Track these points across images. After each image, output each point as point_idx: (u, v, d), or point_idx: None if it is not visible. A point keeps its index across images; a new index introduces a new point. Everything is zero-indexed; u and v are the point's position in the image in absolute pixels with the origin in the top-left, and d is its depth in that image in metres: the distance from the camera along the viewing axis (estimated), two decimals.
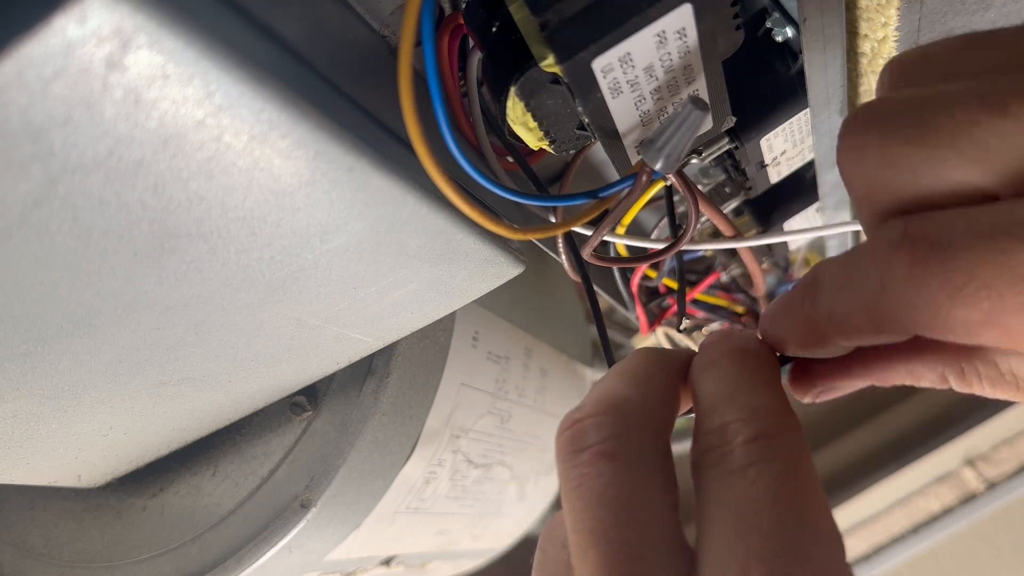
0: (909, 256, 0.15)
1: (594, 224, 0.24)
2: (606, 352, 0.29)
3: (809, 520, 0.16)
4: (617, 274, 0.37)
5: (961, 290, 0.14)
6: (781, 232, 0.34)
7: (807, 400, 0.21)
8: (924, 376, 0.19)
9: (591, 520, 0.17)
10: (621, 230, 0.31)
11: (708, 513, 0.17)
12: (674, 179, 0.24)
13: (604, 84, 0.19)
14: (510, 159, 0.26)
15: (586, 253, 0.26)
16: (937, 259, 0.14)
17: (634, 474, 0.18)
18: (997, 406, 0.75)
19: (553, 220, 0.27)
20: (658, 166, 0.20)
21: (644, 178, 0.21)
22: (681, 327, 0.34)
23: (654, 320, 0.39)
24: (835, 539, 0.16)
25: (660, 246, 0.28)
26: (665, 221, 0.35)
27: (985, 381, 0.19)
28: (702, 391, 0.19)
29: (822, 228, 0.30)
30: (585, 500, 0.18)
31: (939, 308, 0.14)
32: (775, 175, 0.34)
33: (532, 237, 0.23)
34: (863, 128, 0.16)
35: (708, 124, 0.23)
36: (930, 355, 0.19)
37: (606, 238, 0.28)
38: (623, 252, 0.35)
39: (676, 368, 0.20)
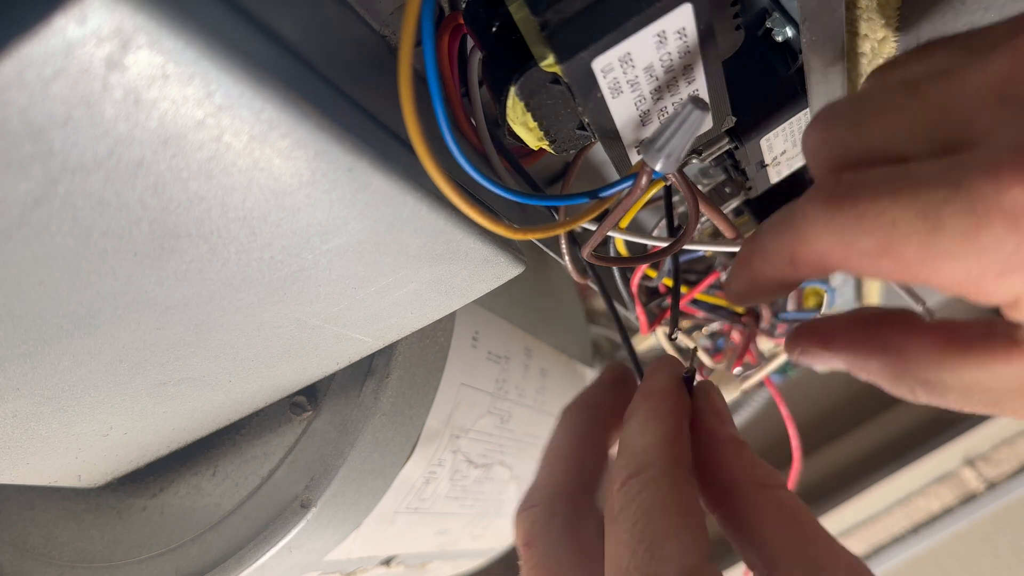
0: (828, 193, 0.18)
1: (595, 224, 0.24)
2: (632, 359, 0.30)
3: (656, 548, 0.19)
4: (617, 274, 0.37)
5: (862, 219, 0.17)
6: None
7: (793, 358, 0.24)
8: (863, 366, 0.22)
9: None
10: (622, 226, 0.31)
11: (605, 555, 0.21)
12: (674, 179, 0.24)
13: (604, 84, 0.19)
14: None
15: (586, 253, 0.26)
16: (849, 196, 0.18)
17: (545, 555, 0.23)
18: None
19: (556, 219, 0.27)
20: (658, 166, 0.20)
21: (644, 178, 0.21)
22: (673, 336, 0.34)
23: (654, 320, 0.39)
24: (677, 558, 0.19)
25: (661, 244, 0.28)
26: (665, 221, 0.35)
27: (912, 387, 0.21)
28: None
29: None
30: None
31: (844, 237, 0.17)
32: (775, 175, 0.34)
33: (532, 237, 0.23)
34: (819, 116, 0.20)
35: (708, 124, 0.23)
36: (875, 349, 0.22)
37: (610, 233, 0.28)
38: (623, 252, 0.35)
39: (582, 416, 0.25)
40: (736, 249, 0.33)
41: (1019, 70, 0.16)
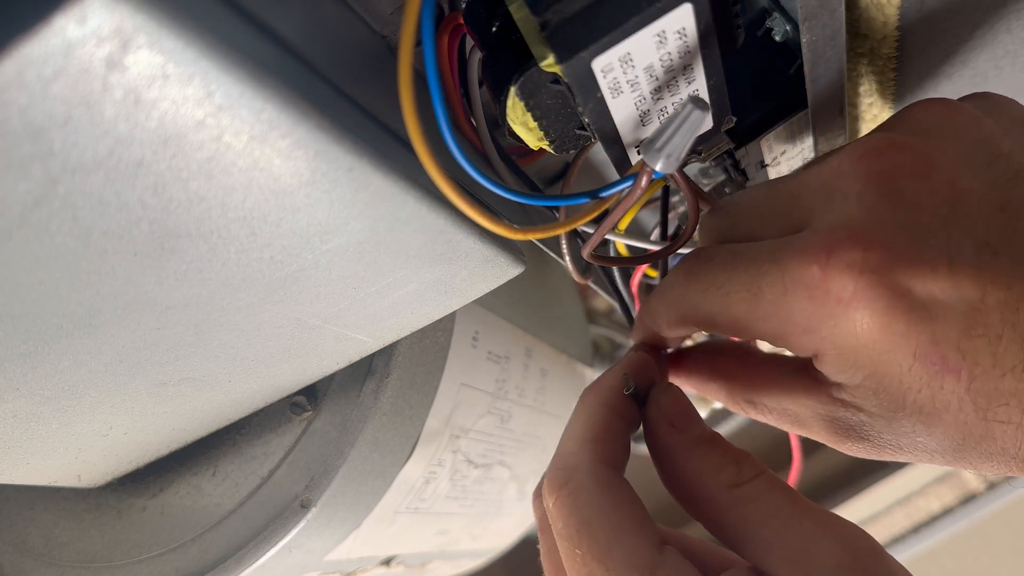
0: (686, 269, 0.23)
1: (595, 224, 0.24)
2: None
3: (610, 561, 0.20)
4: (617, 274, 0.37)
5: (706, 291, 0.22)
6: None
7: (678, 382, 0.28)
8: (706, 388, 0.27)
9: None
10: (622, 226, 0.31)
11: None
12: (674, 178, 0.24)
13: (604, 84, 0.19)
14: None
15: (586, 253, 0.26)
16: (700, 270, 0.23)
17: (546, 541, 0.24)
18: None
19: (556, 219, 0.27)
20: (658, 166, 0.20)
21: (644, 179, 0.21)
22: None
23: None
24: (636, 552, 0.20)
25: (659, 247, 0.28)
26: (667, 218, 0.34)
27: (753, 410, 0.26)
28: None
29: None
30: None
31: (696, 304, 0.23)
32: (775, 175, 0.34)
33: (532, 237, 0.23)
34: (713, 206, 0.26)
35: (708, 124, 0.23)
36: (733, 384, 0.26)
37: (608, 236, 0.28)
38: (623, 251, 0.35)
39: (603, 414, 0.25)
40: None
41: (844, 167, 0.20)
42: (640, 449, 0.25)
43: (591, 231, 0.25)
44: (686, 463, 0.22)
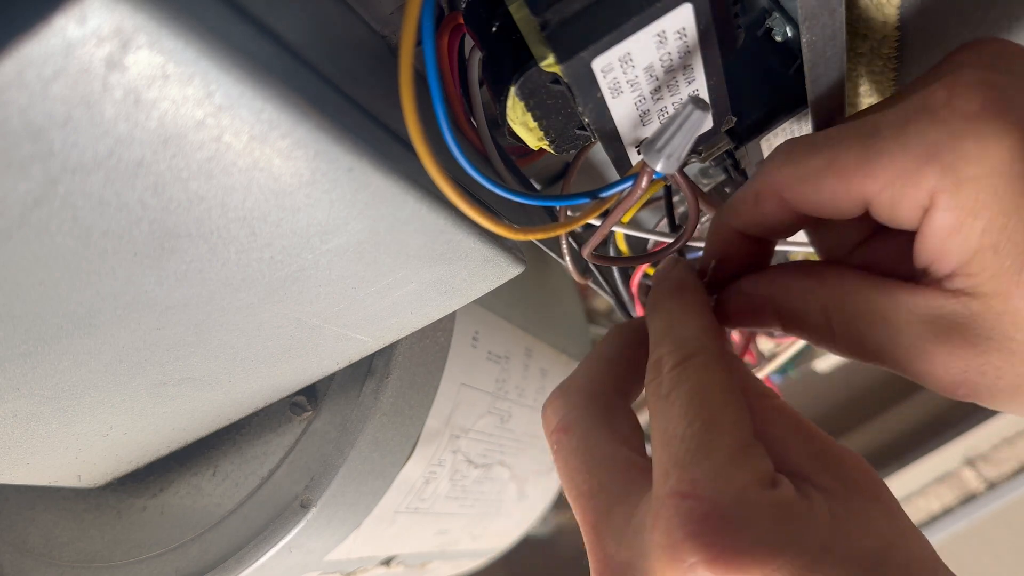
0: (781, 149, 0.22)
1: (596, 223, 0.24)
2: None
3: (712, 421, 0.20)
4: (617, 274, 0.37)
5: (814, 145, 0.21)
6: None
7: (730, 327, 0.26)
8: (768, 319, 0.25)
9: (567, 479, 0.23)
10: (624, 220, 0.31)
11: (652, 435, 0.21)
12: (674, 178, 0.24)
13: (604, 84, 0.19)
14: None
15: (586, 253, 0.26)
16: (797, 141, 0.22)
17: (586, 438, 0.23)
18: None
19: (556, 219, 0.27)
20: (659, 167, 0.20)
21: (645, 179, 0.21)
22: None
23: None
24: (736, 427, 0.20)
25: (664, 240, 0.28)
26: (666, 220, 0.35)
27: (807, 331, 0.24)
28: (651, 331, 0.24)
29: None
30: (559, 466, 0.23)
31: (799, 163, 0.21)
32: None
33: (533, 237, 0.23)
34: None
35: (708, 124, 0.23)
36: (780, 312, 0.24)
37: (615, 229, 0.28)
38: (624, 250, 0.35)
39: (630, 334, 0.25)
40: None
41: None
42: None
43: (592, 230, 0.25)
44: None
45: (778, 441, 0.21)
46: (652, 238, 0.32)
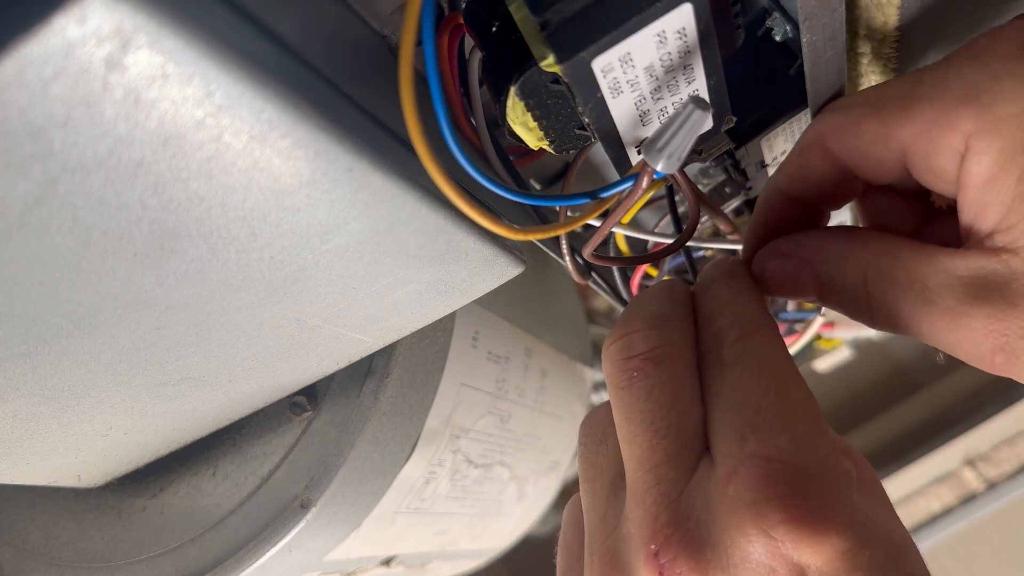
0: (825, 109, 0.23)
1: (597, 223, 0.24)
2: None
3: (786, 393, 0.20)
4: (617, 274, 0.37)
5: (855, 98, 0.21)
6: None
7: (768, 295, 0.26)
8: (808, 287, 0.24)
9: (641, 412, 0.21)
10: (624, 221, 0.31)
11: (711, 401, 0.21)
12: (675, 178, 0.24)
13: (604, 84, 0.19)
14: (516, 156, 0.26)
15: (587, 253, 0.26)
16: (839, 101, 0.23)
17: (675, 376, 0.22)
18: (997, 406, 0.75)
19: (556, 219, 0.27)
20: (660, 166, 0.20)
21: (646, 179, 0.21)
22: None
23: None
24: (807, 401, 0.20)
25: (665, 240, 0.28)
26: (665, 220, 0.35)
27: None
28: (702, 307, 0.24)
29: None
30: (635, 396, 0.22)
31: (840, 115, 0.22)
32: None
33: (533, 237, 0.23)
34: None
35: (709, 124, 0.23)
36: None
37: (613, 228, 0.28)
38: (624, 250, 0.35)
39: (689, 293, 0.25)
40: (734, 247, 0.34)
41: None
42: None
43: (592, 230, 0.25)
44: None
45: None
46: (652, 239, 0.32)
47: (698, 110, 0.18)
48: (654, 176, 0.20)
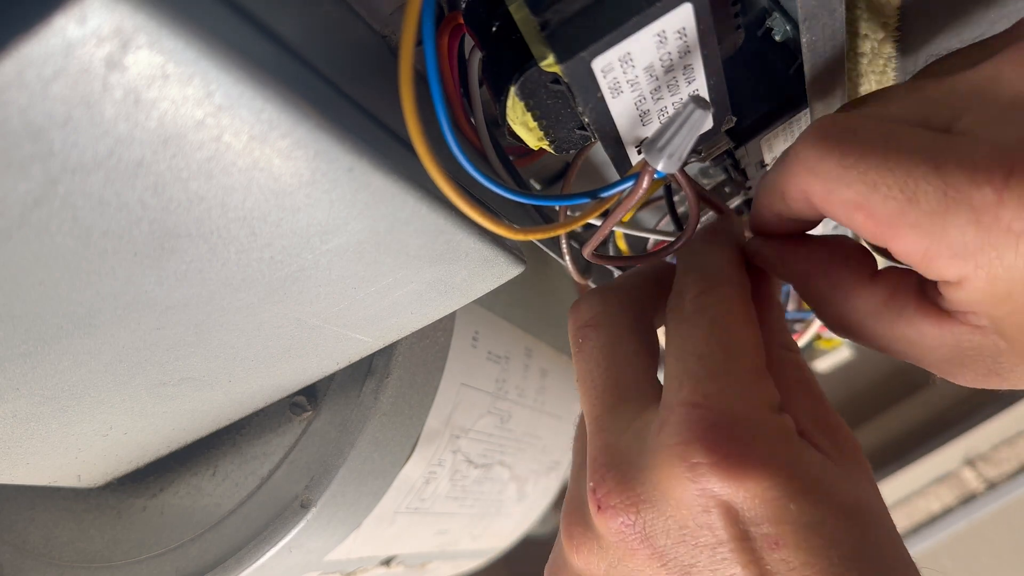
0: (821, 134, 0.19)
1: (597, 222, 0.24)
2: None
3: (731, 346, 0.21)
4: (617, 274, 0.37)
5: (846, 172, 0.19)
6: None
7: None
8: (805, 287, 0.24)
9: (584, 372, 0.24)
10: (625, 219, 0.31)
11: (667, 351, 0.22)
12: (675, 178, 0.24)
13: (604, 84, 0.19)
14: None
15: (587, 252, 0.26)
16: (840, 143, 0.19)
17: (613, 338, 0.24)
18: (997, 406, 0.75)
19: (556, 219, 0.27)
20: (660, 166, 0.20)
21: (646, 178, 0.21)
22: None
23: None
24: (751, 355, 0.21)
25: (665, 238, 0.28)
26: (665, 219, 0.35)
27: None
28: (680, 264, 0.25)
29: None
30: (580, 359, 0.24)
31: (827, 183, 0.19)
32: None
33: (532, 237, 0.23)
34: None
35: (709, 123, 0.23)
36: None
37: (615, 229, 0.28)
38: (624, 250, 0.35)
39: (653, 269, 0.26)
40: None
41: (1002, 74, 0.18)
42: None
43: (591, 230, 0.25)
44: (761, 306, 0.24)
45: (787, 393, 0.22)
46: (653, 237, 0.32)
47: (699, 109, 0.18)
48: (655, 176, 0.20)
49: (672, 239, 0.27)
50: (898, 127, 0.19)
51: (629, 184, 0.21)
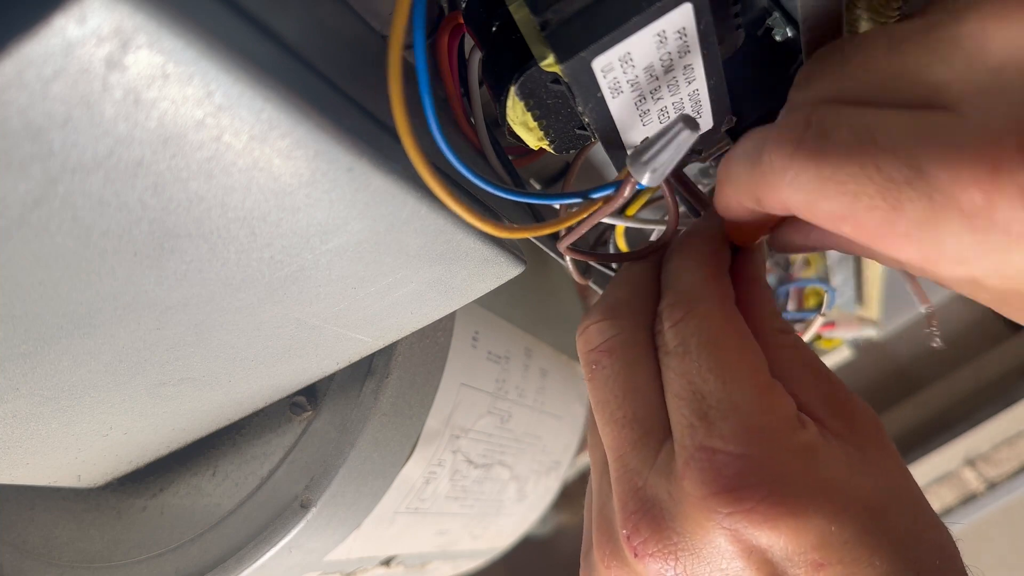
0: (795, 142, 0.17)
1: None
2: None
3: (728, 373, 0.20)
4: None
5: (825, 184, 0.17)
6: None
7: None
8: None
9: (600, 403, 0.23)
10: (630, 212, 0.31)
11: (664, 386, 0.22)
12: (661, 186, 0.24)
13: (604, 84, 0.19)
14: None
15: (561, 246, 0.26)
16: (815, 152, 0.17)
17: (628, 364, 0.23)
18: (997, 406, 0.75)
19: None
20: (644, 180, 0.19)
21: (627, 188, 0.21)
22: None
23: None
24: (753, 375, 0.20)
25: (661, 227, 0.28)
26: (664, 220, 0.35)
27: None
28: (661, 282, 0.24)
29: None
30: (595, 388, 0.23)
31: (808, 196, 0.17)
32: None
33: (521, 235, 0.23)
34: (816, 53, 0.21)
35: (694, 140, 0.23)
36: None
37: (610, 221, 0.28)
38: (623, 248, 0.35)
39: (649, 272, 0.25)
40: None
41: (988, 31, 0.16)
42: None
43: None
44: (752, 292, 0.23)
45: (794, 381, 0.21)
46: (655, 228, 0.32)
47: (687, 129, 0.18)
48: (636, 187, 0.21)
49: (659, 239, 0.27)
50: (874, 119, 0.17)
51: (611, 190, 0.21)
